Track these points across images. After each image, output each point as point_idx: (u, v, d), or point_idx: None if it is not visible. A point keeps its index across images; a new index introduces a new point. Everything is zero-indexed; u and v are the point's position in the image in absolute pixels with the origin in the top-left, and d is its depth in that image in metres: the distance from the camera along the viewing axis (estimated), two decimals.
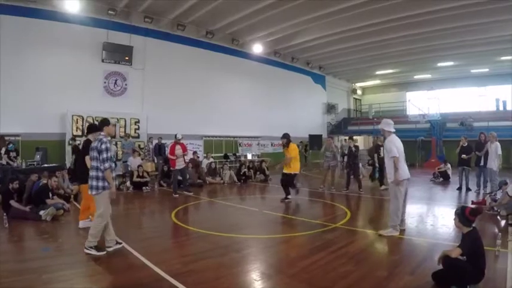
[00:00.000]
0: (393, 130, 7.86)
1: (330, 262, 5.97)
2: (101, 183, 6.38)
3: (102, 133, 6.69)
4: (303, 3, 18.11)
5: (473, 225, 4.98)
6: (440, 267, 4.90)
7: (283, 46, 26.53)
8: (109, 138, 6.75)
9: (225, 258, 6.21)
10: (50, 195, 10.18)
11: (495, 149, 12.60)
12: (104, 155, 6.34)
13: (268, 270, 5.67)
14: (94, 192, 6.43)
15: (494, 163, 12.56)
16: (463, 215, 4.92)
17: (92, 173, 6.49)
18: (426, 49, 26.24)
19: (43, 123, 16.19)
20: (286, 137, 12.33)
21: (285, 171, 12.30)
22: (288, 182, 12.22)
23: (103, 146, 6.37)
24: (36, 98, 15.92)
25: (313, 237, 7.71)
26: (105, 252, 6.34)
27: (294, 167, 12.24)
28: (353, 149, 14.79)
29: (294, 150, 12.30)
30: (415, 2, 17.87)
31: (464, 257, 4.71)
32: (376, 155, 15.29)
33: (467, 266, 4.66)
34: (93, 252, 6.26)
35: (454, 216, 5.13)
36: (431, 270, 5.14)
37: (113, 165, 6.55)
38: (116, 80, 19.01)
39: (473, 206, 5.24)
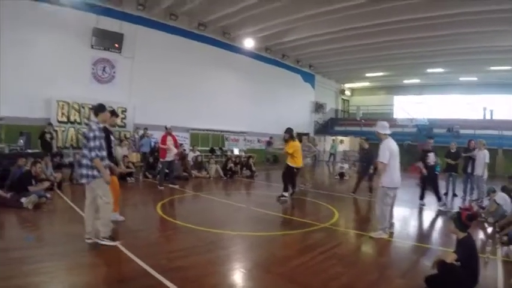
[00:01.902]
0: (389, 132, 7.74)
1: (319, 263, 5.89)
2: (90, 172, 6.19)
3: (94, 119, 6.46)
4: (296, 1, 18.10)
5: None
6: (434, 271, 4.82)
7: (274, 42, 26.38)
8: (103, 125, 6.50)
9: (212, 255, 6.08)
10: (33, 182, 9.95)
11: (483, 156, 12.65)
12: (91, 144, 6.12)
13: (257, 269, 5.55)
14: (84, 181, 6.28)
15: (481, 170, 12.62)
16: (460, 220, 4.86)
17: (82, 161, 6.31)
18: (417, 54, 26.33)
19: (28, 107, 15.78)
20: (288, 132, 12.26)
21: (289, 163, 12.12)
22: (287, 176, 12.07)
23: (91, 134, 6.15)
24: (21, 82, 15.48)
25: (301, 236, 7.64)
26: (119, 242, 6.25)
27: (294, 161, 12.03)
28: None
29: (291, 147, 12.03)
30: (408, 7, 17.83)
31: (459, 263, 4.63)
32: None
33: (462, 271, 4.61)
34: (108, 242, 6.17)
35: (449, 222, 5.06)
36: (422, 273, 5.08)
37: (104, 153, 6.31)
38: (104, 67, 18.68)
39: (468, 211, 5.21)
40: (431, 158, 11.83)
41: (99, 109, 6.57)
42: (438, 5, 17.25)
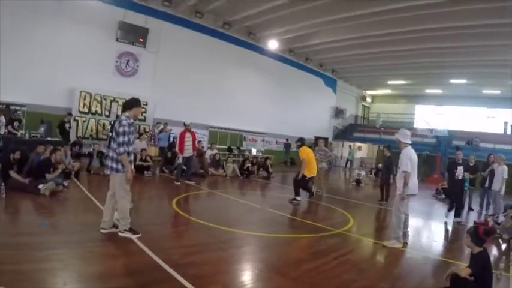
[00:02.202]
0: (410, 142, 7.68)
1: (333, 268, 5.86)
2: (114, 165, 6.23)
3: (126, 113, 6.40)
4: (323, 5, 18.03)
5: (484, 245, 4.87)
6: (447, 284, 4.77)
7: (298, 45, 26.46)
8: (132, 120, 6.44)
9: (224, 253, 6.10)
10: (51, 170, 10.06)
11: (502, 171, 12.46)
12: (120, 139, 6.10)
13: (269, 271, 5.54)
14: (108, 172, 6.34)
15: (499, 185, 12.44)
16: (476, 235, 4.80)
17: (109, 153, 6.39)
18: (441, 64, 26.16)
19: (50, 96, 16.01)
20: (299, 140, 12.46)
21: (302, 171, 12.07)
22: (298, 182, 12.01)
23: (120, 129, 6.13)
24: (45, 70, 15.72)
25: (315, 240, 7.59)
26: (140, 235, 6.27)
27: (307, 170, 12.00)
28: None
29: (302, 152, 12.12)
30: (434, 17, 17.73)
31: (472, 278, 4.58)
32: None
33: (475, 286, 4.55)
34: (128, 234, 6.22)
35: (465, 235, 5.01)
36: (434, 286, 5.08)
37: (130, 149, 6.32)
38: (128, 61, 18.87)
39: (484, 226, 5.19)
40: (460, 171, 11.29)
41: (133, 103, 6.49)
42: (465, 16, 17.10)
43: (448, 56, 23.95)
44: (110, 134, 6.39)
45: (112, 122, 6.77)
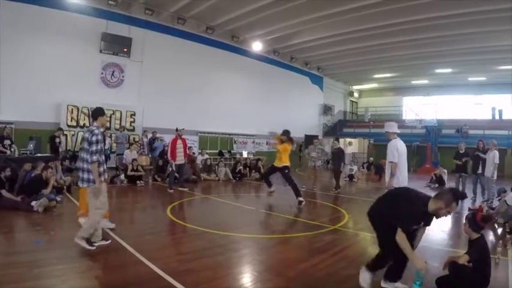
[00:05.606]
0: (398, 131, 7.73)
1: (330, 265, 5.87)
2: (92, 176, 6.14)
3: (95, 123, 6.42)
4: (304, 4, 18.04)
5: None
6: (446, 272, 4.82)
7: (282, 45, 26.42)
8: (102, 129, 6.44)
9: (222, 257, 6.08)
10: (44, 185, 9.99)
11: (493, 157, 12.53)
12: (94, 148, 6.07)
13: (268, 272, 5.54)
14: (85, 185, 6.24)
15: (491, 171, 12.50)
16: (474, 221, 4.83)
17: (83, 165, 6.25)
18: (425, 55, 26.21)
19: (37, 112, 15.94)
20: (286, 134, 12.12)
21: (275, 164, 12.07)
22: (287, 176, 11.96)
23: (93, 138, 6.10)
24: (31, 86, 15.69)
25: (311, 238, 7.60)
26: (94, 248, 6.07)
27: (285, 160, 11.89)
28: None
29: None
30: (415, 8, 17.78)
31: (471, 264, 4.63)
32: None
33: (473, 273, 4.60)
34: (83, 244, 5.97)
35: (464, 222, 5.03)
36: (433, 276, 5.03)
37: (101, 158, 6.28)
38: (113, 72, 18.82)
39: (483, 213, 5.18)
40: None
41: (99, 113, 6.50)
42: (445, 5, 17.18)
43: (432, 46, 24.02)
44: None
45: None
